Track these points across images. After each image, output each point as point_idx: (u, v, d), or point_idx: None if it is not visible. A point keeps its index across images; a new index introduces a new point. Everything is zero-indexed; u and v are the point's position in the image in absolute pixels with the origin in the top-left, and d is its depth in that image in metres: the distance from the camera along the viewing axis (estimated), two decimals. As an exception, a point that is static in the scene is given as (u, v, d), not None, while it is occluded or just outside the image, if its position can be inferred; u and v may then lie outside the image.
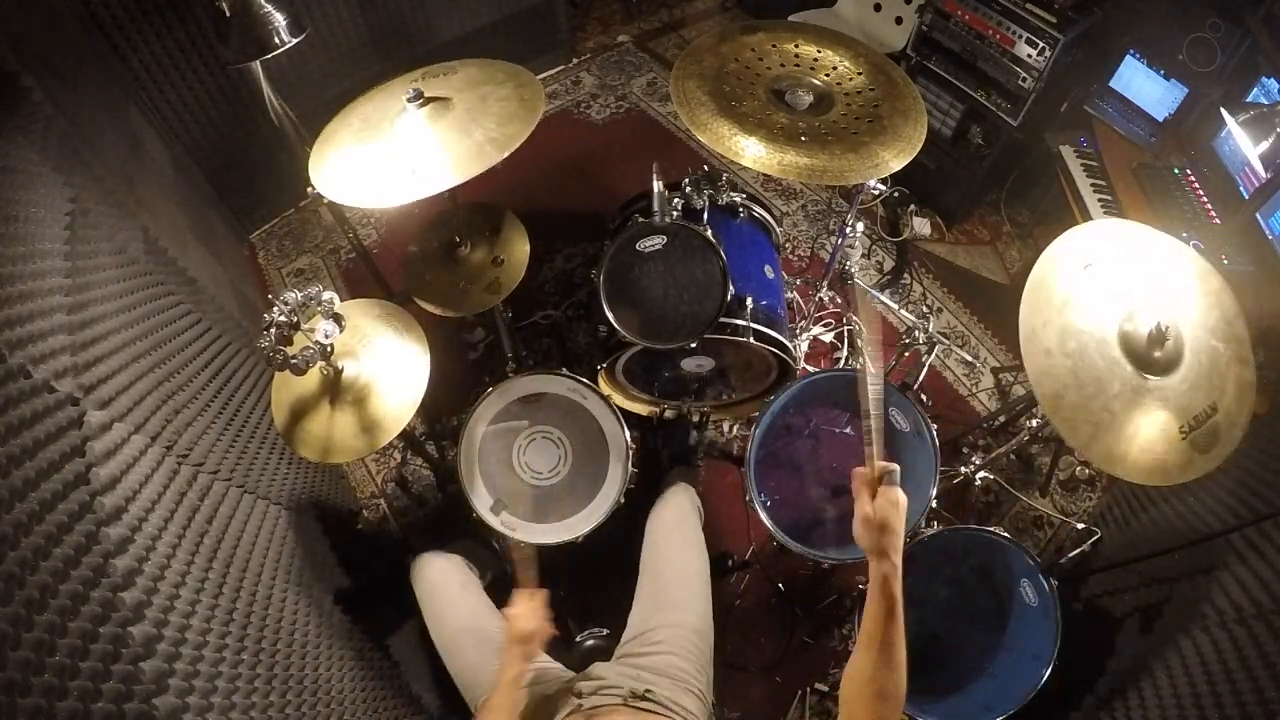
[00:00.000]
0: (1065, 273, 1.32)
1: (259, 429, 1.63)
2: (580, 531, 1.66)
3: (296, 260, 2.85)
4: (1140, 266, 1.36)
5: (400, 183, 1.47)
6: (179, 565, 1.04)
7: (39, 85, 1.40)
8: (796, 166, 1.57)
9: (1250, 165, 1.89)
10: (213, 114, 2.46)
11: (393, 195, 1.47)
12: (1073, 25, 2.15)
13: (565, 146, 3.20)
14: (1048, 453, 2.26)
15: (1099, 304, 1.31)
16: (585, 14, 3.85)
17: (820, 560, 1.66)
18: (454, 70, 1.72)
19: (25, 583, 0.72)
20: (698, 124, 1.63)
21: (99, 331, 1.15)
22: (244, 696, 1.04)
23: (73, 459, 0.92)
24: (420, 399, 1.42)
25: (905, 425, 1.69)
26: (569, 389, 1.73)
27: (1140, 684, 1.40)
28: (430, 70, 1.73)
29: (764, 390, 2.06)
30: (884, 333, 2.56)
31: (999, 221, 2.92)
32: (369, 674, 1.55)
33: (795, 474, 1.77)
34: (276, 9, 1.64)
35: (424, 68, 1.75)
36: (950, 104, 2.57)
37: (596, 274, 1.73)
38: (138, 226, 1.58)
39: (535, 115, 1.55)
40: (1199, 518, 1.54)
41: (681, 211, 1.77)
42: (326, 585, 1.60)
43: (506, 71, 1.70)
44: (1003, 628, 1.56)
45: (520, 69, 1.71)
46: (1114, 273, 1.34)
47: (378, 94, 1.72)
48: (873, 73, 1.80)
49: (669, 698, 1.21)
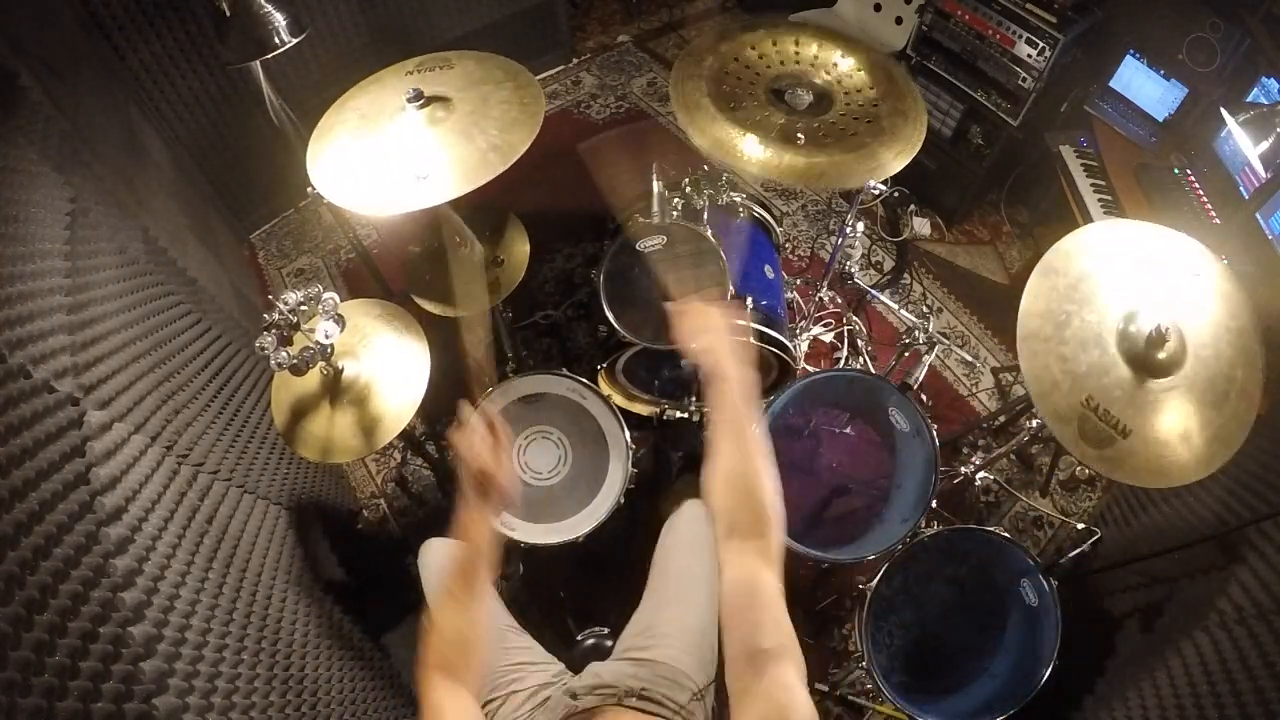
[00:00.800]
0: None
1: (259, 429, 1.63)
2: (580, 531, 1.66)
3: (296, 260, 2.85)
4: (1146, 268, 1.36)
5: (405, 189, 1.45)
6: (179, 565, 1.04)
7: (39, 85, 1.40)
8: (796, 169, 1.57)
9: (1250, 165, 1.89)
10: (213, 114, 2.46)
11: (397, 203, 1.44)
12: (1073, 25, 2.16)
13: (565, 146, 3.20)
14: (1048, 453, 2.26)
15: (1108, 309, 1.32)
16: (585, 14, 3.85)
17: (820, 560, 1.66)
18: (450, 64, 1.69)
19: (25, 583, 0.72)
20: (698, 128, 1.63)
21: (99, 331, 1.15)
22: (244, 696, 1.04)
23: (73, 459, 0.92)
24: (420, 399, 1.42)
25: (905, 425, 1.69)
26: (569, 389, 1.73)
27: (1140, 684, 1.40)
28: (425, 61, 1.69)
29: (764, 390, 2.06)
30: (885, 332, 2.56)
31: (999, 221, 2.92)
32: (369, 674, 1.55)
33: (795, 474, 1.77)
34: (276, 9, 1.64)
35: (418, 57, 1.71)
36: (950, 104, 2.57)
37: (596, 274, 1.73)
38: (138, 226, 1.58)
39: (536, 121, 1.54)
40: (1199, 518, 1.54)
41: (681, 211, 1.77)
42: (326, 585, 1.60)
43: (505, 69, 1.68)
44: (1003, 628, 1.56)
45: (519, 67, 1.69)
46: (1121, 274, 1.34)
47: (371, 85, 1.68)
48: (873, 71, 1.80)
49: (665, 695, 1.21)
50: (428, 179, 1.45)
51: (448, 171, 1.46)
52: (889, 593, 1.63)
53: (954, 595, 1.64)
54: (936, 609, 1.64)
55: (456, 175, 1.45)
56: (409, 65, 1.70)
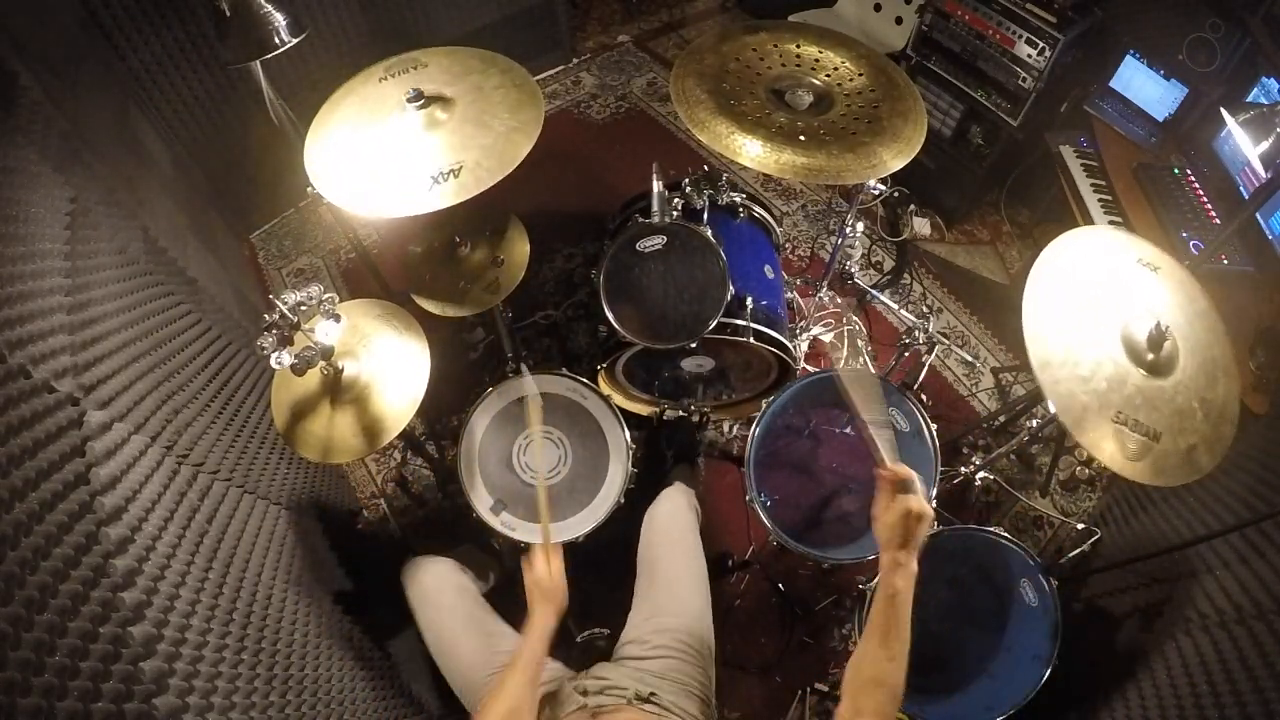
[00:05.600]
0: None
1: (259, 429, 1.63)
2: (580, 531, 1.66)
3: (296, 260, 2.85)
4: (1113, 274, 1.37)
5: (430, 188, 1.45)
6: (179, 565, 1.04)
7: (39, 85, 1.40)
8: (795, 166, 1.57)
9: (1250, 165, 1.89)
10: (213, 114, 2.46)
11: (426, 200, 1.44)
12: (1073, 25, 2.15)
13: (565, 146, 3.20)
14: (1048, 453, 2.26)
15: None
16: (585, 14, 3.85)
17: (820, 560, 1.66)
18: (421, 63, 1.69)
19: (25, 583, 0.72)
20: (697, 122, 1.63)
21: (99, 331, 1.15)
22: (244, 696, 1.04)
23: (73, 459, 0.92)
24: (420, 399, 1.42)
25: (905, 425, 1.69)
26: (569, 389, 1.73)
27: (1140, 684, 1.40)
28: (393, 65, 1.69)
29: (764, 390, 2.06)
30: (885, 332, 2.56)
31: (999, 221, 2.92)
32: (369, 674, 1.55)
33: (795, 474, 1.77)
34: (276, 9, 1.64)
35: (385, 61, 1.70)
36: (950, 104, 2.57)
37: (596, 274, 1.73)
38: (138, 226, 1.58)
39: (537, 96, 1.59)
40: (1199, 518, 1.54)
41: (681, 211, 1.77)
42: (326, 585, 1.60)
43: (479, 58, 1.70)
44: (1003, 628, 1.56)
45: (491, 54, 1.71)
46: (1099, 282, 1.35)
47: (344, 95, 1.66)
48: (873, 73, 1.80)
49: (673, 701, 1.21)
50: (460, 171, 1.47)
51: (482, 158, 1.48)
52: (889, 593, 1.63)
53: (954, 595, 1.64)
54: (936, 609, 1.64)
55: (493, 160, 1.48)
56: (377, 71, 1.70)
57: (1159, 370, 1.29)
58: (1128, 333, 1.30)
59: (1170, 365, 1.30)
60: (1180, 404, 1.28)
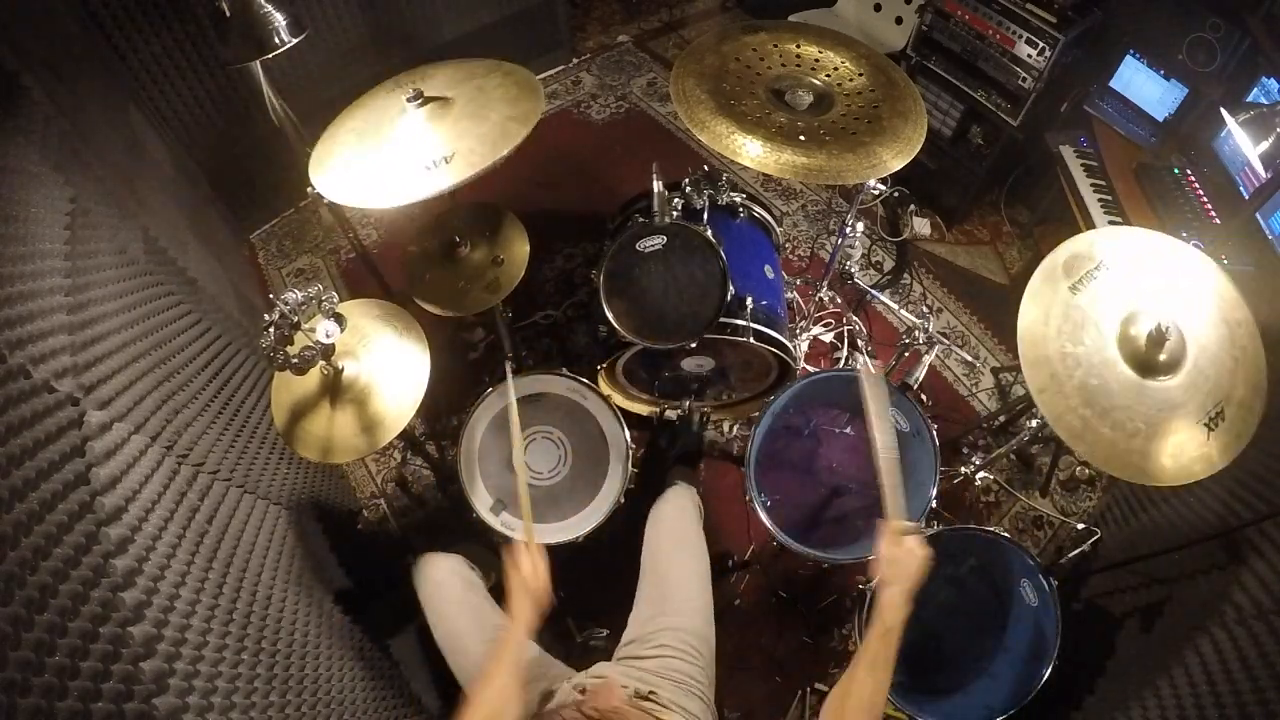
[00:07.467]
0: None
1: (259, 429, 1.63)
2: (580, 531, 1.66)
3: (296, 260, 2.85)
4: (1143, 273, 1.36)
5: (424, 177, 1.48)
6: (179, 565, 1.04)
7: (39, 85, 1.40)
8: (795, 166, 1.57)
9: (1250, 165, 1.89)
10: (213, 114, 2.46)
11: (418, 189, 1.47)
12: (1073, 25, 2.16)
13: (565, 146, 3.20)
14: (1048, 453, 2.26)
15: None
16: (585, 14, 3.85)
17: (820, 560, 1.66)
18: (428, 75, 1.74)
19: (25, 583, 0.72)
20: (696, 122, 1.63)
21: (99, 331, 1.15)
22: (244, 696, 1.04)
23: (73, 459, 0.92)
24: (420, 399, 1.42)
25: (905, 425, 1.69)
26: (569, 389, 1.73)
27: (1140, 684, 1.40)
28: (400, 80, 1.74)
29: (764, 390, 2.06)
30: (885, 332, 2.56)
31: (999, 221, 2.92)
32: (369, 674, 1.55)
33: (795, 474, 1.77)
34: (276, 9, 1.64)
35: (393, 78, 1.76)
36: (950, 104, 2.57)
37: (596, 274, 1.72)
38: (138, 226, 1.58)
39: (537, 90, 1.61)
40: (1199, 518, 1.54)
41: (681, 211, 1.77)
42: (326, 585, 1.60)
43: (484, 65, 1.73)
44: (1003, 628, 1.56)
45: (494, 62, 1.74)
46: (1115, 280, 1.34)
47: (356, 108, 1.73)
48: (873, 73, 1.80)
49: (672, 700, 1.21)
50: (453, 158, 1.49)
51: (475, 145, 1.51)
52: (889, 593, 1.63)
53: (954, 595, 1.64)
54: (936, 609, 1.64)
55: (485, 146, 1.50)
56: (386, 86, 1.75)
57: (1156, 370, 1.28)
58: (1130, 330, 1.30)
59: (1172, 368, 1.29)
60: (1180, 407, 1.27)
